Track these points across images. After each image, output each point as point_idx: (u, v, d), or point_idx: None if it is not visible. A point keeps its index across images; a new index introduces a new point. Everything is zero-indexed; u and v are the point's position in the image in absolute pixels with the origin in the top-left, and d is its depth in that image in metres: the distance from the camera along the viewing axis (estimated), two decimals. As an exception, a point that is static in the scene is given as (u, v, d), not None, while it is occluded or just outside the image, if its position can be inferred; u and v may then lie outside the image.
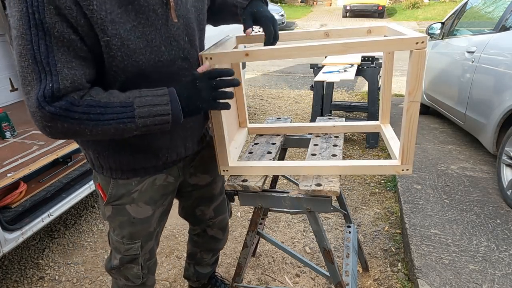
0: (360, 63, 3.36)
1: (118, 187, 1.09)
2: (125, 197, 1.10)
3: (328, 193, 1.06)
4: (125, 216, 1.13)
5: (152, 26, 0.88)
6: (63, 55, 0.77)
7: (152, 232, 1.21)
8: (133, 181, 1.09)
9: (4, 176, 1.85)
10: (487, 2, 3.43)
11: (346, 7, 16.48)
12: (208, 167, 1.31)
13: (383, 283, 1.89)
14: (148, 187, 1.12)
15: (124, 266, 1.21)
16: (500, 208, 2.30)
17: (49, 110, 0.77)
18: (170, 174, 1.17)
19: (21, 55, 0.76)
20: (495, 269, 1.78)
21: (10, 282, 1.99)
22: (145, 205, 1.13)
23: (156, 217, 1.19)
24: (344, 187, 2.87)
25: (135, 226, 1.15)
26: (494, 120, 2.60)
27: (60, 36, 0.75)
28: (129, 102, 0.84)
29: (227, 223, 1.55)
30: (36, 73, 0.76)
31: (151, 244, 1.23)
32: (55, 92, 0.77)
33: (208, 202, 1.40)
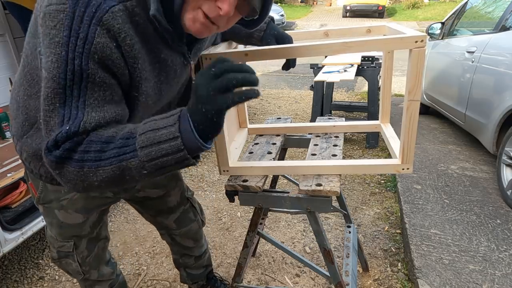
0: (360, 63, 3.36)
1: (47, 192, 1.06)
2: (54, 202, 1.07)
3: (328, 193, 1.06)
4: (54, 219, 1.11)
5: (168, 84, 0.89)
6: (95, 100, 0.70)
7: (86, 234, 1.19)
8: (63, 189, 1.05)
9: (4, 176, 1.85)
10: (487, 2, 3.43)
11: (346, 7, 16.50)
12: (158, 182, 1.28)
13: (383, 283, 1.89)
14: (80, 197, 1.08)
15: (61, 259, 1.20)
16: (500, 208, 2.30)
17: (53, 154, 0.68)
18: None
19: (48, 98, 0.69)
20: (495, 269, 1.78)
21: (10, 282, 1.99)
22: (75, 213, 1.10)
23: (90, 222, 1.17)
24: (344, 187, 2.87)
25: (65, 230, 1.13)
26: (494, 120, 2.60)
27: (101, 82, 0.70)
28: (134, 131, 0.69)
29: (196, 233, 1.51)
30: (59, 117, 0.68)
31: (86, 242, 1.20)
32: (70, 134, 0.68)
33: (165, 213, 1.38)
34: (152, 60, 0.81)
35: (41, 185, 1.05)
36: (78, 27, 0.66)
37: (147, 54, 0.78)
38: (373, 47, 0.94)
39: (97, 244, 1.26)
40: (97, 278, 1.31)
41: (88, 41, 0.66)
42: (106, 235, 1.30)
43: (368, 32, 1.26)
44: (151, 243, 2.25)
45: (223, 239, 2.28)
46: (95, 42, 0.67)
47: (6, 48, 3.19)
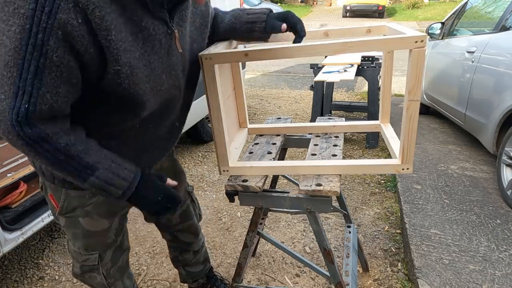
0: (360, 63, 3.36)
1: (71, 199, 1.04)
2: (78, 210, 1.06)
3: (328, 193, 1.06)
4: (78, 229, 1.09)
5: (156, 55, 0.88)
6: (52, 79, 0.72)
7: (111, 243, 1.18)
8: (87, 193, 1.04)
9: (4, 176, 1.85)
10: (487, 2, 3.43)
11: (346, 7, 16.48)
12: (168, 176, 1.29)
13: (383, 283, 1.89)
14: (104, 201, 1.07)
15: (86, 274, 1.18)
16: (500, 208, 2.30)
17: (18, 132, 0.73)
18: None
19: (6, 65, 0.70)
20: (495, 269, 1.78)
21: (10, 282, 1.99)
22: (100, 218, 1.10)
23: (113, 228, 1.16)
24: (344, 187, 2.87)
25: (90, 238, 1.12)
26: (494, 120, 2.60)
27: (58, 61, 0.71)
28: (94, 167, 0.84)
29: (196, 228, 1.53)
30: (15, 87, 0.71)
31: (111, 253, 1.19)
32: (29, 114, 0.72)
33: None
34: (133, 30, 0.80)
35: (63, 194, 1.04)
36: (44, 0, 0.67)
37: (125, 23, 0.77)
38: (374, 47, 0.94)
39: (122, 255, 1.25)
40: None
41: (52, 16, 0.67)
42: (128, 245, 1.29)
43: (368, 32, 1.26)
44: (151, 243, 2.25)
45: (223, 239, 2.28)
46: (58, 18, 0.67)
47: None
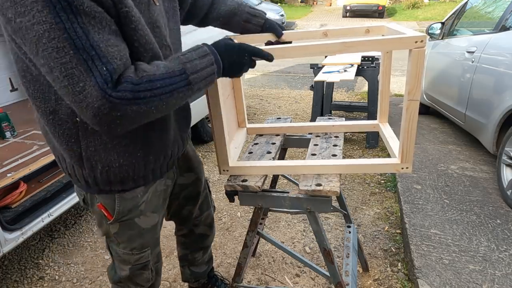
0: (360, 63, 3.37)
1: (125, 202, 1.05)
2: (134, 211, 1.07)
3: (328, 193, 1.06)
4: (134, 230, 1.11)
5: (139, 6, 0.85)
6: (100, 34, 0.70)
7: (158, 237, 1.23)
8: (139, 193, 1.06)
9: (4, 176, 1.85)
10: (487, 2, 3.43)
11: (346, 7, 16.48)
12: (191, 164, 1.33)
13: (383, 283, 1.89)
14: (152, 196, 1.11)
15: (134, 274, 1.20)
16: (500, 208, 2.30)
17: (116, 96, 0.70)
18: (168, 178, 1.18)
19: (58, 51, 0.66)
20: (495, 269, 1.78)
21: (10, 282, 1.99)
22: (152, 214, 1.14)
23: (160, 222, 1.21)
24: (344, 187, 2.87)
25: (145, 236, 1.14)
26: (494, 120, 2.60)
27: (91, 12, 0.68)
28: (181, 69, 0.81)
29: (213, 218, 1.55)
30: (82, 63, 0.67)
31: (158, 248, 1.25)
32: (113, 74, 0.70)
33: (194, 200, 1.41)
34: None
35: (117, 199, 1.03)
36: None
37: None
38: (373, 47, 0.94)
39: (161, 253, 1.29)
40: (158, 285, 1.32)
41: None
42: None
43: (367, 32, 1.26)
44: (151, 243, 2.25)
45: (223, 239, 2.28)
46: None
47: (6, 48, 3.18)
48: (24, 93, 3.53)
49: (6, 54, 3.18)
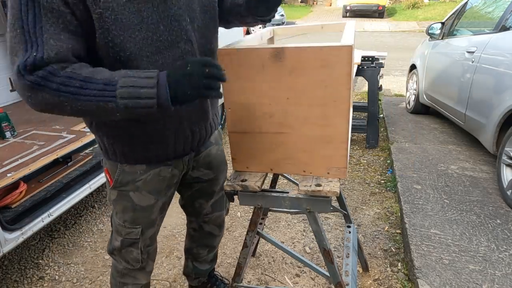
0: (360, 63, 3.36)
1: (125, 174, 1.12)
2: (130, 184, 1.13)
3: (327, 193, 1.06)
4: (128, 202, 1.16)
5: (148, 3, 0.87)
6: (51, 27, 0.77)
7: (154, 220, 1.24)
8: (139, 170, 1.12)
9: (4, 176, 1.85)
10: (487, 2, 3.43)
11: (346, 7, 16.49)
12: (212, 164, 1.34)
13: (383, 283, 1.89)
14: (153, 178, 1.14)
15: (124, 249, 1.23)
16: (500, 208, 2.30)
17: (28, 79, 0.77)
18: (175, 168, 1.19)
19: (11, 25, 0.77)
20: (495, 269, 1.78)
21: (10, 282, 1.99)
22: (148, 194, 1.16)
23: (158, 206, 1.22)
24: (344, 187, 2.87)
25: (137, 212, 1.18)
26: (494, 120, 2.60)
27: (50, 7, 0.76)
28: (113, 80, 0.80)
29: (223, 220, 1.57)
30: (22, 43, 0.77)
31: (152, 231, 1.26)
32: (37, 62, 0.76)
33: (207, 196, 1.43)
34: None
35: (118, 168, 1.11)
36: None
37: None
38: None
39: (156, 239, 1.31)
40: (149, 272, 1.34)
41: None
42: (159, 228, 1.34)
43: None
44: (151, 243, 2.25)
45: (223, 239, 2.27)
46: None
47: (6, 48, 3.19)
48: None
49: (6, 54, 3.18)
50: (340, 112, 1.01)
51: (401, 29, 14.37)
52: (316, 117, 1.04)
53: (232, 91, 1.09)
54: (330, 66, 0.96)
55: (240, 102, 1.10)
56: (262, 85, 1.05)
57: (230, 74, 1.07)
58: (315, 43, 0.96)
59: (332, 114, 1.02)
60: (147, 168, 1.13)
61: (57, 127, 2.55)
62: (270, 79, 1.03)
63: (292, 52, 0.98)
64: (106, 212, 2.63)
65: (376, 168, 3.19)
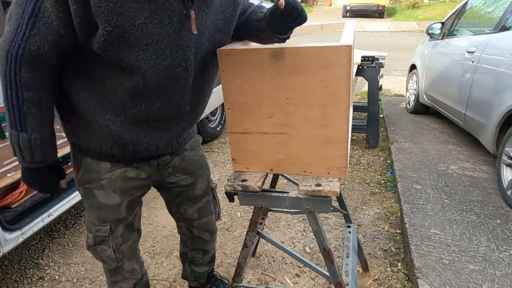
0: (360, 63, 3.36)
1: (89, 170, 1.14)
2: (95, 182, 1.14)
3: (328, 193, 1.06)
4: (93, 200, 1.17)
5: (162, 29, 0.89)
6: (43, 25, 0.84)
7: (122, 219, 1.23)
8: (103, 168, 1.13)
9: (4, 176, 1.85)
10: (487, 2, 3.43)
11: (346, 7, 16.47)
12: (189, 168, 1.33)
13: (383, 283, 1.89)
14: (118, 178, 1.15)
15: (97, 246, 1.24)
16: (500, 208, 2.30)
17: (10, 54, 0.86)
18: (142, 171, 1.19)
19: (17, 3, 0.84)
20: (495, 269, 1.78)
21: (10, 282, 1.99)
22: (113, 194, 1.17)
23: (124, 205, 1.21)
24: (344, 187, 2.87)
25: (103, 211, 1.19)
26: (494, 120, 2.60)
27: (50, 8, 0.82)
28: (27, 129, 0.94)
29: (213, 225, 1.54)
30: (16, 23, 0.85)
31: (122, 228, 1.25)
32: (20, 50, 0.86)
33: (190, 201, 1.42)
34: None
35: (83, 164, 1.13)
36: None
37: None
38: None
39: (132, 234, 1.30)
40: (128, 272, 1.33)
41: None
42: (139, 228, 1.34)
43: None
44: (151, 243, 2.25)
45: (223, 239, 2.28)
46: None
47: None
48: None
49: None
50: (340, 112, 1.01)
51: (401, 29, 14.37)
52: (316, 117, 1.04)
53: (232, 91, 1.09)
54: (329, 66, 0.96)
55: (240, 102, 1.10)
56: (262, 85, 1.05)
57: (230, 74, 1.07)
58: (315, 43, 0.96)
59: (332, 114, 1.02)
60: (111, 167, 1.14)
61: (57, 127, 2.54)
62: (270, 79, 1.03)
63: (291, 52, 0.98)
64: (106, 212, 2.63)
65: (376, 168, 3.19)
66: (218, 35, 1.04)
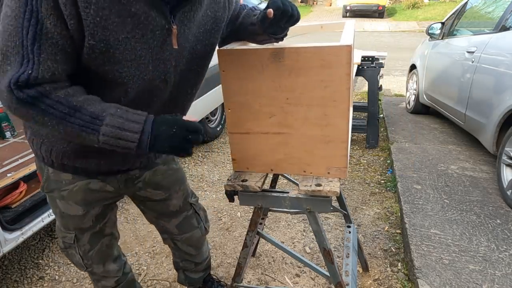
0: (360, 63, 3.36)
1: (50, 181, 1.12)
2: (56, 192, 1.13)
3: (328, 193, 1.06)
4: (56, 208, 1.17)
5: (145, 44, 0.87)
6: (49, 47, 0.77)
7: (87, 228, 1.21)
8: (64, 179, 1.10)
9: (4, 176, 1.85)
10: (487, 2, 3.43)
11: (346, 7, 16.47)
12: (161, 184, 1.29)
13: (383, 283, 1.89)
14: (80, 190, 1.12)
15: (67, 249, 1.25)
16: (500, 208, 2.30)
17: (17, 95, 0.77)
18: (108, 184, 1.16)
19: (10, 35, 0.75)
20: (495, 269, 1.78)
21: (10, 282, 1.99)
22: (75, 205, 1.14)
23: (90, 216, 1.19)
24: (344, 187, 2.87)
25: (66, 220, 1.18)
26: (494, 120, 2.60)
27: (52, 28, 0.75)
28: (101, 115, 0.82)
29: (198, 240, 1.50)
30: (19, 56, 0.76)
31: (88, 236, 1.22)
32: (31, 80, 0.76)
33: (166, 217, 1.39)
34: (121, 13, 0.80)
35: (45, 173, 1.11)
36: None
37: (112, 3, 0.78)
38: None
39: (101, 240, 1.27)
40: (102, 274, 1.33)
41: None
42: (112, 232, 1.31)
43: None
44: (151, 243, 2.25)
45: (223, 239, 2.28)
46: None
47: None
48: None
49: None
50: (340, 112, 1.01)
51: (401, 29, 14.36)
52: (316, 117, 1.04)
53: (232, 91, 1.09)
54: (329, 66, 0.96)
55: (240, 102, 1.10)
56: (262, 85, 1.05)
57: (230, 74, 1.07)
58: (315, 43, 0.96)
59: (332, 114, 1.02)
60: (73, 179, 1.10)
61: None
62: (270, 79, 1.03)
63: (291, 52, 0.98)
64: (106, 212, 2.63)
65: (376, 168, 3.19)
66: (198, 47, 1.03)
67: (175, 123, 0.87)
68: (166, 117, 0.88)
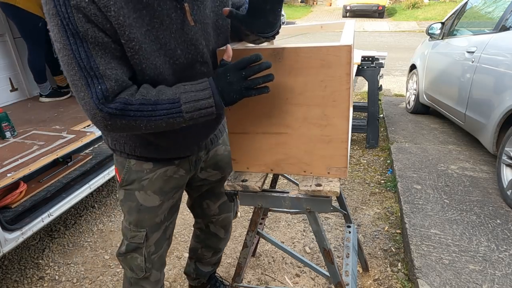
0: (360, 63, 3.36)
1: (131, 172, 1.16)
2: (136, 183, 1.16)
3: (328, 193, 1.06)
4: (133, 202, 1.18)
5: (166, 30, 0.90)
6: (102, 58, 0.82)
7: (159, 224, 1.24)
8: (146, 169, 1.15)
9: (4, 176, 1.85)
10: (487, 2, 3.43)
11: (346, 7, 16.49)
12: (220, 164, 1.35)
13: (383, 283, 1.89)
14: (158, 177, 1.17)
15: (129, 254, 1.24)
16: (500, 208, 2.30)
17: (107, 111, 0.85)
18: (181, 167, 1.21)
19: (68, 65, 0.82)
20: (495, 269, 1.78)
21: (10, 282, 1.99)
22: (153, 194, 1.18)
23: (164, 208, 1.23)
24: (344, 187, 2.87)
25: (142, 213, 1.19)
26: (494, 120, 2.60)
27: (95, 41, 0.80)
28: (176, 98, 0.89)
29: (230, 223, 1.58)
30: (83, 79, 0.82)
31: (157, 236, 1.25)
32: (105, 92, 0.83)
33: (215, 197, 1.45)
34: (136, 7, 0.83)
35: (126, 166, 1.16)
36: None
37: (126, 1, 0.82)
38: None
39: (163, 244, 1.30)
40: (154, 282, 1.33)
41: (67, 3, 0.76)
42: (170, 236, 1.34)
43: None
44: (151, 243, 2.25)
45: (223, 239, 2.28)
46: (71, 4, 0.76)
47: (6, 48, 3.19)
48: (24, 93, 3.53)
49: (6, 54, 3.19)
50: (340, 112, 1.01)
51: (401, 29, 14.37)
52: (316, 117, 1.04)
53: None
54: (329, 66, 0.96)
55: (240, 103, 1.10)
56: (262, 85, 1.05)
57: None
58: (314, 43, 0.96)
59: (332, 114, 1.02)
60: (154, 167, 1.16)
61: (57, 127, 2.55)
62: (270, 79, 1.03)
63: (291, 52, 0.98)
64: (106, 212, 2.63)
65: (376, 168, 3.19)
66: (220, 22, 1.04)
67: (226, 70, 0.92)
68: (218, 71, 0.93)
